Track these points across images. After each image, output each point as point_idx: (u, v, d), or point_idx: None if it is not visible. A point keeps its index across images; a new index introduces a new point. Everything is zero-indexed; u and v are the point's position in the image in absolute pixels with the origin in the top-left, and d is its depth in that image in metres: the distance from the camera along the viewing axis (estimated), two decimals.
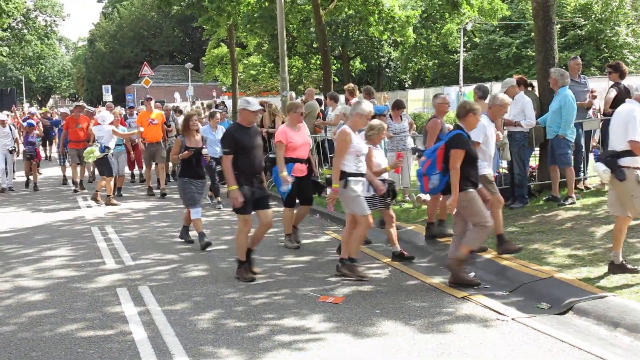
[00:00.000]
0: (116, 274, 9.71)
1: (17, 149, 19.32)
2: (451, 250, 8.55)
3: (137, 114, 20.51)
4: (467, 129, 8.32)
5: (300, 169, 10.53)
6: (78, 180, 18.83)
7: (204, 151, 11.76)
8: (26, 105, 74.77)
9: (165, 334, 7.06)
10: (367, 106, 8.96)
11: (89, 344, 6.85)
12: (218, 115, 15.16)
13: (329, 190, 9.23)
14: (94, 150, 15.78)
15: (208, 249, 10.96)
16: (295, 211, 11.06)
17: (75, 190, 18.55)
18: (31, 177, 19.90)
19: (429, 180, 8.34)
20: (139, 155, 19.29)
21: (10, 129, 19.03)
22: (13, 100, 65.42)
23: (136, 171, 21.12)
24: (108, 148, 16.02)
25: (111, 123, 16.74)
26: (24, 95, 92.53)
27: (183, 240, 11.61)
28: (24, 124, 20.52)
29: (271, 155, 11.38)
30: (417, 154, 9.75)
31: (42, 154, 25.06)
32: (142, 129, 17.68)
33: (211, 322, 7.41)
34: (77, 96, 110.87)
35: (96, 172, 19.20)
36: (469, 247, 8.24)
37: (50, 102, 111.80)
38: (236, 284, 8.90)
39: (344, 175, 8.65)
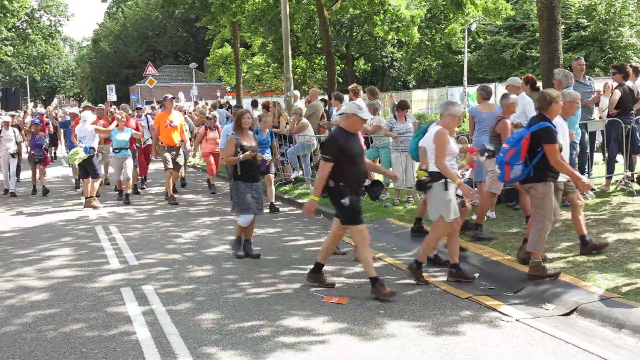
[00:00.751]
0: (120, 273, 9.72)
1: (19, 152, 18.71)
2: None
3: (146, 115, 20.16)
4: (552, 118, 8.20)
5: None
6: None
7: (266, 156, 10.87)
8: (30, 105, 74.89)
9: (169, 333, 7.06)
10: (460, 107, 8.80)
11: (93, 344, 6.85)
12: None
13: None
14: (78, 151, 15.63)
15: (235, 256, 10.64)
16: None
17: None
18: (38, 184, 18.82)
19: (511, 170, 8.18)
20: (146, 155, 18.95)
21: (14, 132, 18.48)
22: (18, 99, 65.46)
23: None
24: (93, 149, 15.79)
25: (99, 123, 16.59)
26: (29, 94, 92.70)
27: (242, 255, 10.42)
28: (35, 121, 19.40)
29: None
30: (486, 154, 9.59)
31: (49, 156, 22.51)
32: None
33: (215, 322, 7.41)
34: (81, 96, 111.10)
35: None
36: (536, 252, 8.14)
37: (55, 101, 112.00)
38: (240, 284, 8.89)
39: (440, 177, 8.36)
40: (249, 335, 6.93)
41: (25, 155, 21.12)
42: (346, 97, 18.57)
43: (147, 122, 19.91)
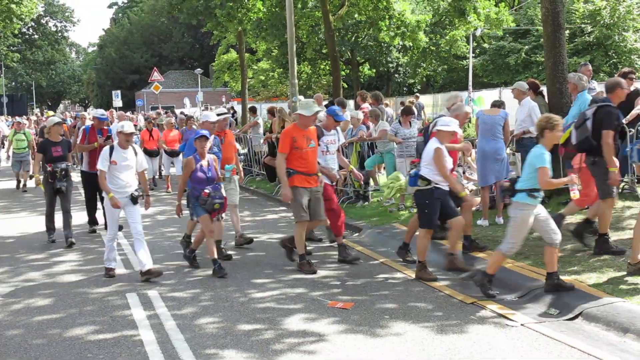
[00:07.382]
0: (125, 278, 9.74)
1: (146, 191, 10.64)
2: None
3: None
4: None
5: None
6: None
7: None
8: (36, 111, 75.01)
9: (174, 338, 7.08)
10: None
11: (99, 349, 6.87)
12: None
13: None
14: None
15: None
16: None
17: None
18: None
19: None
20: None
21: (136, 152, 10.19)
22: (24, 105, 65.59)
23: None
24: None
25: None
26: (34, 100, 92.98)
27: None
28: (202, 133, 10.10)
29: None
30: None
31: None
32: None
33: (220, 326, 7.43)
34: (87, 101, 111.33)
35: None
36: None
37: (61, 107, 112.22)
38: (245, 289, 8.91)
39: None
40: (254, 339, 6.95)
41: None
42: (351, 102, 18.60)
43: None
